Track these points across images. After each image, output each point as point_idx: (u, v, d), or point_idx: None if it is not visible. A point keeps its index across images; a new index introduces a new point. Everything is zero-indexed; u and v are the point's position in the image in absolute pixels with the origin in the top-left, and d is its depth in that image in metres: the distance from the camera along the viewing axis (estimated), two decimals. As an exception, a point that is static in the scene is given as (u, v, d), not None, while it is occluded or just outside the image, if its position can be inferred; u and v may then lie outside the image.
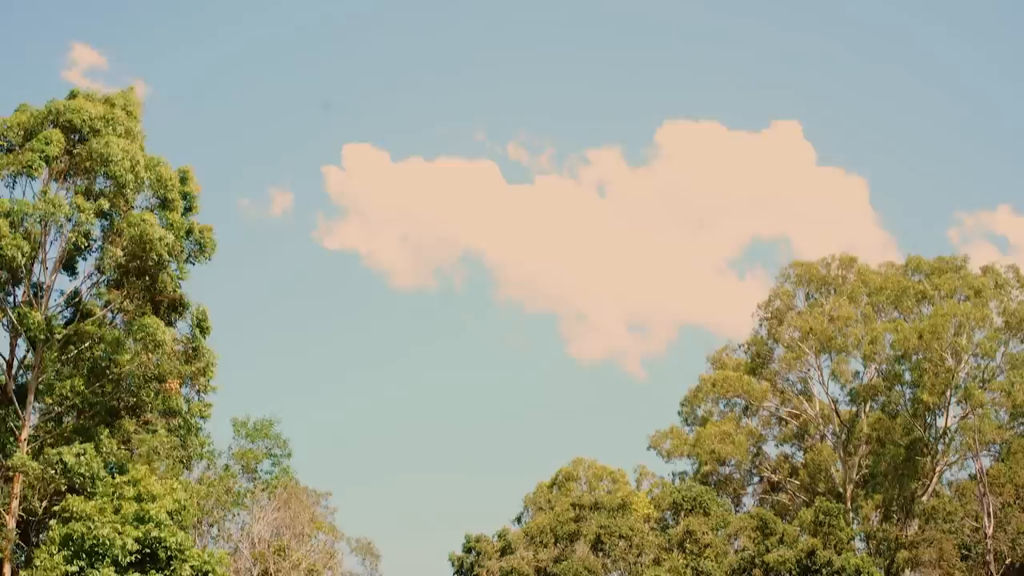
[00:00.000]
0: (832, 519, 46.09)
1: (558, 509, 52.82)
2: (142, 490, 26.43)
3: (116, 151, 35.97)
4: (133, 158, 36.70)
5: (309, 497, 48.42)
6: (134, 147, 37.14)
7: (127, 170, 36.37)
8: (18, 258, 34.64)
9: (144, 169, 37.26)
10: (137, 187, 37.35)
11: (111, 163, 35.95)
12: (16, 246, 34.22)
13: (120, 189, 36.77)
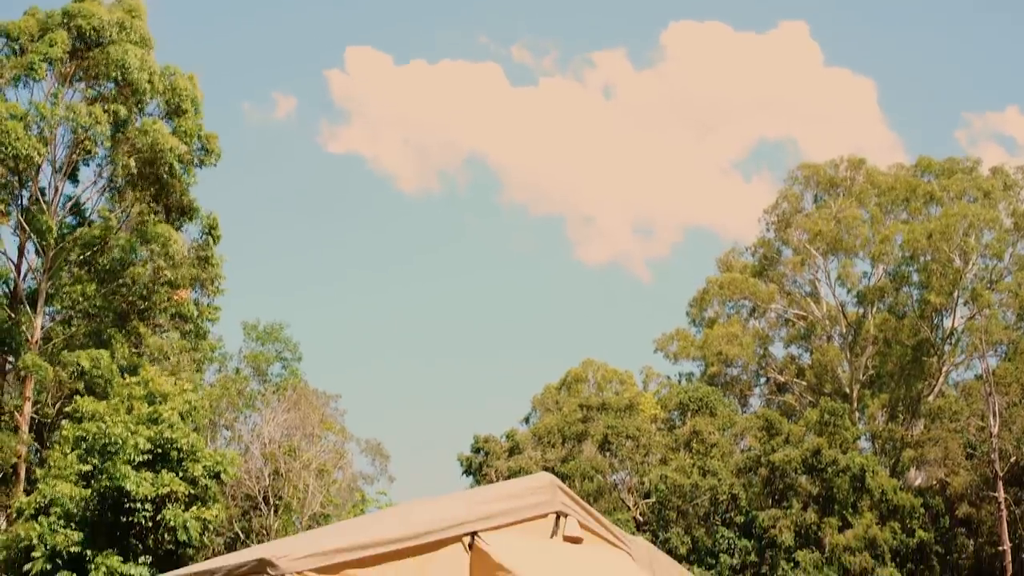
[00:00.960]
0: (838, 419, 46.42)
1: (566, 410, 53.23)
2: (153, 390, 26.66)
3: (134, 59, 35.88)
4: (150, 67, 36.67)
5: (319, 399, 48.84)
6: (150, 56, 37.10)
7: (144, 80, 36.36)
8: (35, 158, 34.68)
9: (159, 78, 37.22)
10: (152, 95, 37.33)
11: (128, 70, 35.86)
12: (33, 147, 34.22)
13: (134, 96, 36.71)
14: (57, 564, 23.70)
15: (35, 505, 25.04)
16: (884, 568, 41.45)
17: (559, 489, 11.23)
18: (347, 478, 48.91)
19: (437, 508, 11.22)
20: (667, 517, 45.46)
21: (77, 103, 35.65)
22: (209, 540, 25.92)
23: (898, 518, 43.78)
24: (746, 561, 43.19)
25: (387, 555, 9.95)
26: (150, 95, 37.00)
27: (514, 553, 10.25)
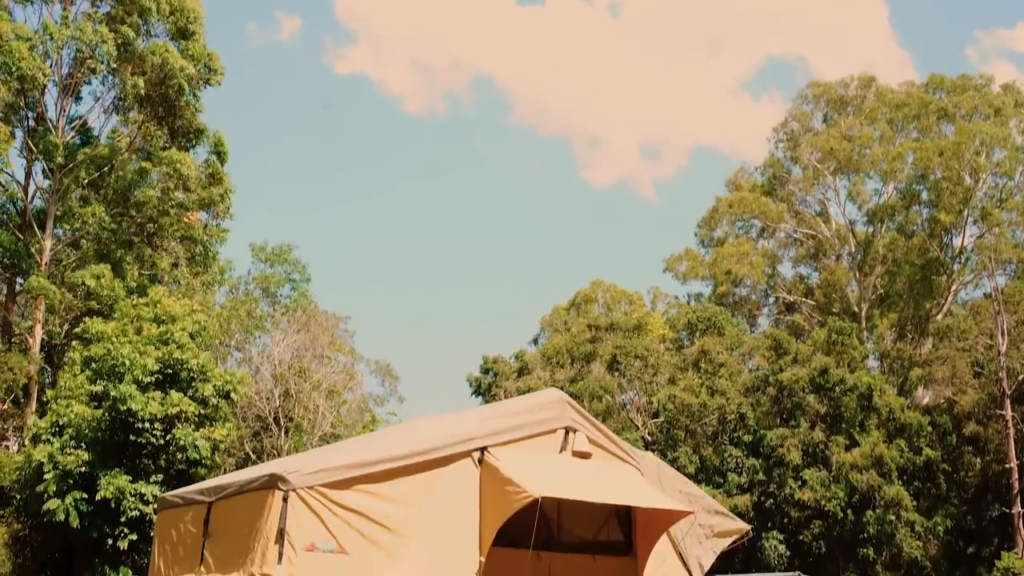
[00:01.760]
0: (845, 338, 46.42)
1: (574, 330, 53.29)
2: (162, 311, 26.68)
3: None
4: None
5: (328, 320, 48.94)
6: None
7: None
8: (40, 79, 34.49)
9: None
10: (160, 17, 37.02)
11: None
12: (38, 67, 34.01)
13: (142, 17, 36.45)
14: (68, 484, 23.86)
15: (49, 429, 25.18)
16: (891, 486, 41.63)
17: (568, 405, 11.28)
18: (357, 399, 49.16)
19: (446, 424, 11.29)
20: (675, 436, 45.64)
21: (83, 22, 35.37)
22: (221, 460, 26.09)
23: (905, 436, 43.91)
24: (754, 479, 43.40)
25: (397, 471, 10.03)
26: (156, 16, 36.70)
27: (523, 468, 10.31)
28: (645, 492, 11.04)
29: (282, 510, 9.40)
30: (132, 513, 23.78)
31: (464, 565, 10.04)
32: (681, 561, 11.65)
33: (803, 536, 41.57)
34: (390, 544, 9.76)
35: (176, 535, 10.79)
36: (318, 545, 9.45)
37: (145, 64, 35.91)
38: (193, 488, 11.47)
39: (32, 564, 26.55)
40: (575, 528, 11.03)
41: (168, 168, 36.19)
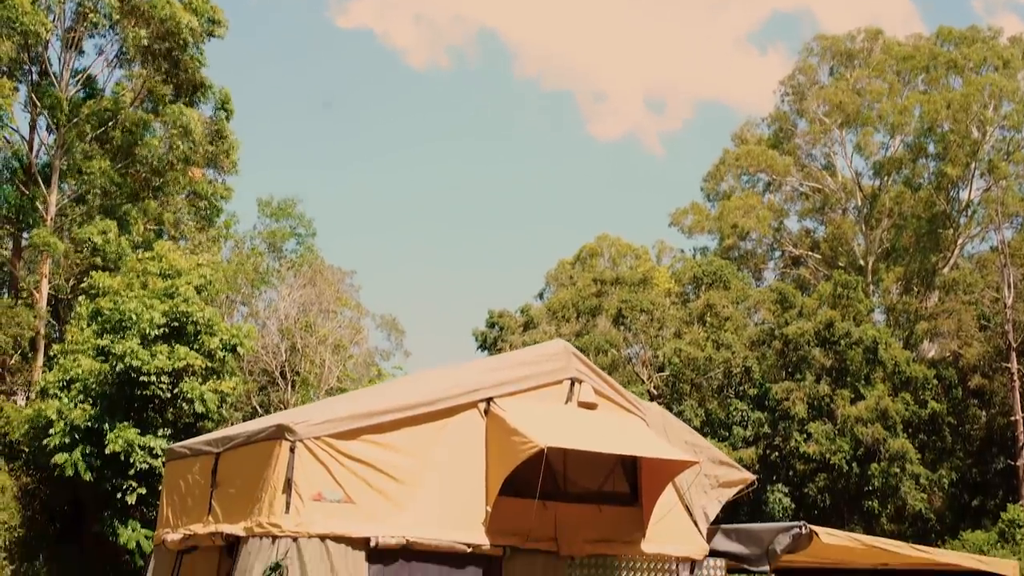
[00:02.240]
0: (851, 292, 46.40)
1: (580, 285, 53.28)
2: (168, 266, 26.70)
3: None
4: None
5: (334, 275, 48.99)
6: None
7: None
8: (43, 34, 34.39)
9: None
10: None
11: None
12: (40, 22, 33.90)
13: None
14: (76, 438, 23.98)
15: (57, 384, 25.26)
16: (896, 439, 41.73)
17: (573, 356, 11.31)
18: (363, 353, 49.26)
19: (452, 376, 11.33)
20: (681, 390, 45.73)
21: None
22: (228, 413, 26.18)
23: (911, 390, 43.99)
24: (759, 433, 43.52)
25: (403, 421, 10.08)
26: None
27: (529, 418, 10.35)
28: (650, 442, 11.09)
29: (289, 460, 9.46)
30: (141, 466, 23.91)
31: (470, 514, 10.10)
32: (687, 511, 11.70)
33: (808, 489, 41.72)
34: (396, 494, 9.82)
35: (184, 485, 10.86)
36: (325, 495, 9.51)
37: (148, 17, 35.77)
38: (201, 439, 11.53)
39: (41, 516, 26.72)
40: (581, 478, 11.07)
41: (173, 120, 36.13)
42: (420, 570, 9.88)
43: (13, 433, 26.11)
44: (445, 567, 9.97)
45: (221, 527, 9.85)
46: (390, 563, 9.67)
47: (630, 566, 11.29)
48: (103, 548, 25.03)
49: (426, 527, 9.84)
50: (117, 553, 25.15)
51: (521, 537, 10.30)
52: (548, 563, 10.47)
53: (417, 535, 9.75)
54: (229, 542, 9.73)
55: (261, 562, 9.22)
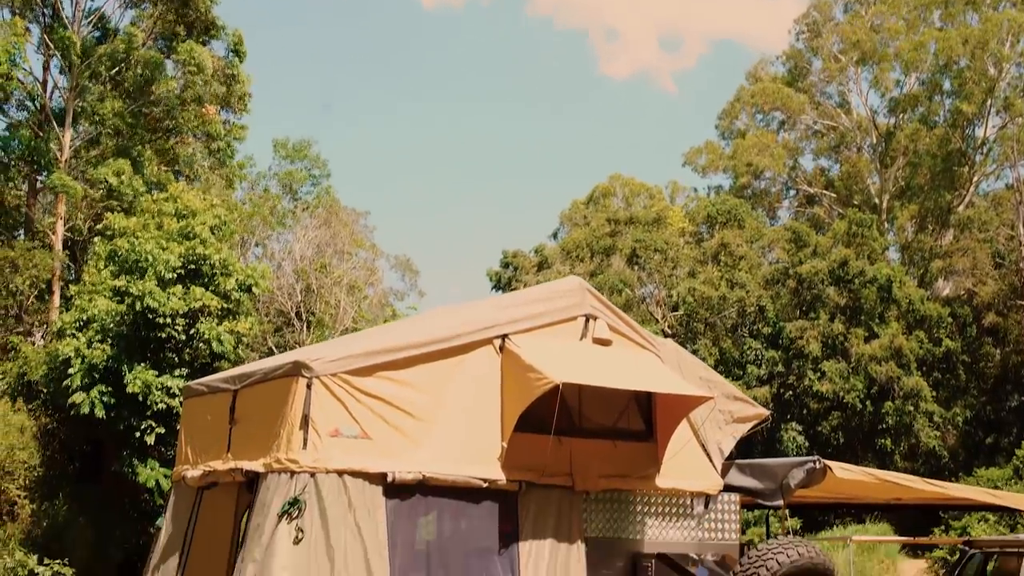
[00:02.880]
0: (866, 230, 46.34)
1: (594, 224, 53.27)
2: (182, 206, 26.74)
3: None
4: None
5: (348, 216, 49.02)
6: None
7: None
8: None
9: None
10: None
11: None
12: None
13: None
14: (94, 378, 24.13)
15: (74, 324, 25.39)
16: (910, 377, 41.82)
17: (588, 292, 11.34)
18: (378, 294, 49.39)
19: (467, 312, 11.37)
20: (695, 329, 45.83)
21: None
22: (244, 354, 26.30)
23: (925, 328, 44.01)
24: (773, 371, 43.64)
25: (419, 357, 10.13)
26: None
27: (544, 354, 10.41)
28: (665, 378, 11.13)
29: (306, 397, 9.52)
30: (159, 406, 24.08)
31: (486, 450, 10.18)
32: (701, 446, 11.77)
33: (821, 427, 41.90)
34: (413, 430, 9.90)
35: (202, 422, 10.96)
36: (342, 431, 9.59)
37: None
38: (218, 376, 11.61)
39: (61, 456, 26.97)
40: (595, 414, 11.14)
41: (186, 58, 36.02)
42: (436, 505, 9.99)
43: (32, 373, 26.29)
44: (461, 502, 10.07)
45: (240, 463, 9.94)
46: (407, 498, 9.77)
47: (645, 501, 11.38)
48: (122, 487, 25.28)
49: (442, 463, 9.92)
50: (136, 492, 25.39)
51: (536, 472, 10.38)
52: (563, 498, 10.56)
53: (433, 470, 9.83)
54: (248, 478, 9.82)
55: (280, 497, 9.32)
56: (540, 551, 10.27)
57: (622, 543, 11.23)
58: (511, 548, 10.19)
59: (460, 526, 10.19)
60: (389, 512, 9.61)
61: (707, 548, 11.67)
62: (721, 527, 11.80)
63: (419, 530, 9.99)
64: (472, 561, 10.04)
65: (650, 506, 11.40)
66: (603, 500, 11.14)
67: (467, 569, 9.99)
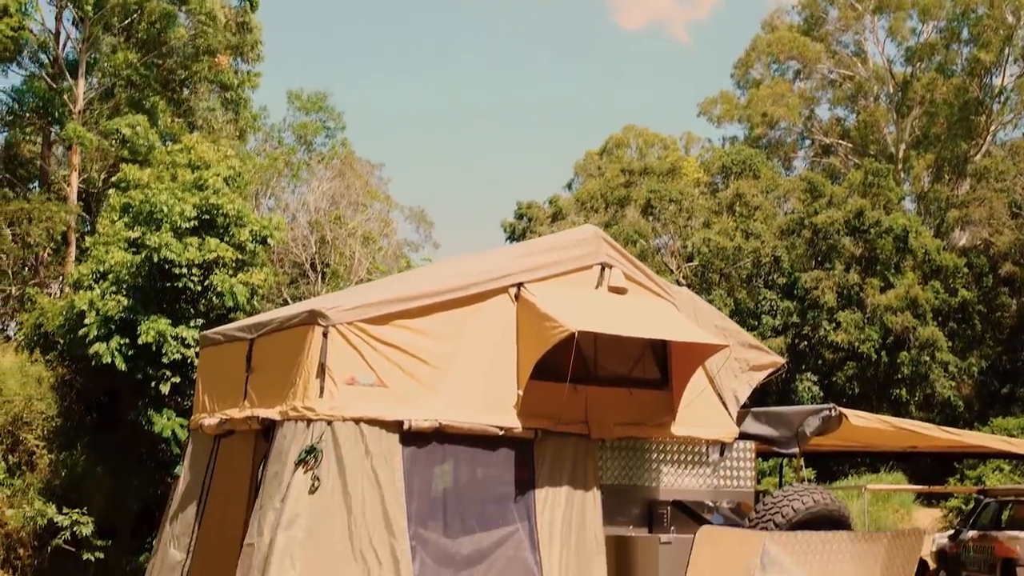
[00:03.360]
0: (882, 180, 46.13)
1: (608, 175, 53.13)
2: (196, 157, 26.67)
3: None
4: None
5: (363, 168, 48.97)
6: None
7: None
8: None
9: None
10: None
11: None
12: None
13: None
14: (110, 329, 24.19)
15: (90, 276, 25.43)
16: (926, 327, 41.75)
17: (603, 241, 11.31)
18: (392, 245, 49.41)
19: (482, 261, 11.35)
20: (710, 280, 45.78)
21: None
22: (259, 305, 26.28)
23: (941, 278, 43.89)
24: (788, 322, 43.60)
25: (434, 306, 10.13)
26: None
27: (559, 302, 10.39)
28: (681, 326, 11.11)
29: (322, 345, 9.53)
30: (174, 356, 24.12)
31: (502, 398, 10.19)
32: (716, 394, 11.78)
33: (836, 378, 41.90)
34: (429, 378, 9.91)
35: (219, 371, 10.98)
36: (358, 379, 9.60)
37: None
38: (234, 325, 11.63)
39: (78, 407, 27.07)
40: (611, 363, 11.13)
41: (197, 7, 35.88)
42: (453, 452, 10.01)
43: (48, 325, 26.33)
44: (478, 449, 10.09)
45: (257, 411, 9.98)
46: (423, 445, 9.80)
47: (660, 448, 11.41)
48: (139, 437, 25.38)
49: (458, 410, 9.94)
50: (154, 442, 25.50)
51: (552, 420, 10.39)
52: (579, 445, 10.58)
53: (449, 418, 9.85)
54: (265, 426, 9.85)
55: (297, 445, 9.36)
56: (556, 498, 10.30)
57: (638, 490, 11.27)
58: (527, 495, 10.22)
59: (476, 473, 10.21)
60: (406, 459, 9.65)
61: (722, 495, 11.70)
62: (736, 474, 11.83)
63: (436, 478, 10.02)
64: (488, 508, 10.07)
65: (666, 454, 11.44)
66: (619, 448, 11.17)
67: (483, 516, 10.02)
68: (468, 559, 9.85)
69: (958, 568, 22.28)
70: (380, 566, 9.25)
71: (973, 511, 23.31)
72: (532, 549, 10.08)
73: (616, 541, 10.70)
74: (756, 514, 10.84)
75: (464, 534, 9.91)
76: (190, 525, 10.72)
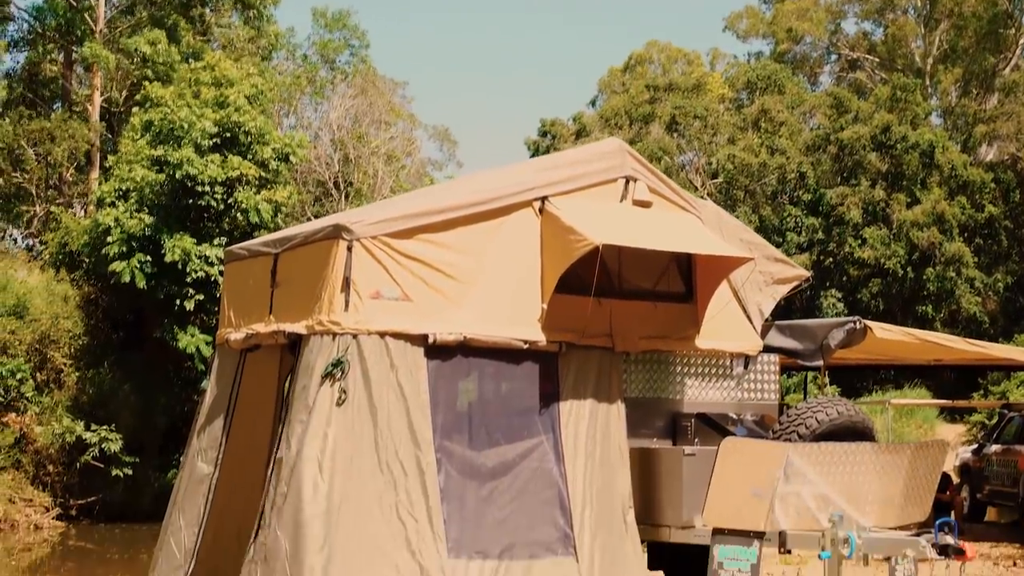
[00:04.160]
0: (909, 95, 45.71)
1: (632, 92, 52.75)
2: (219, 75, 26.62)
3: None
4: None
5: (386, 86, 48.75)
6: None
7: None
8: None
9: None
10: None
11: None
12: None
13: None
14: (132, 247, 24.31)
15: (114, 193, 25.51)
16: (952, 243, 41.58)
17: (628, 154, 11.23)
18: (416, 164, 49.33)
19: (506, 175, 11.30)
20: (734, 196, 45.60)
21: None
22: (283, 222, 26.37)
23: (967, 193, 43.62)
24: (813, 239, 43.47)
25: (458, 220, 10.10)
26: None
27: (583, 216, 10.35)
28: (705, 239, 11.06)
29: (347, 259, 9.52)
30: (198, 274, 24.27)
31: (526, 311, 10.18)
32: (741, 307, 11.74)
33: (861, 295, 41.83)
34: (452, 291, 9.90)
35: (244, 286, 10.99)
36: (383, 293, 9.60)
37: None
38: (259, 240, 11.64)
39: (104, 325, 27.31)
40: (635, 276, 11.10)
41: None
42: (477, 366, 10.01)
43: (73, 243, 26.51)
44: (502, 362, 10.09)
45: (283, 326, 9.99)
46: (448, 359, 9.82)
47: (685, 361, 11.40)
48: (165, 354, 25.63)
49: (483, 324, 9.93)
50: (179, 360, 25.75)
51: (577, 333, 10.38)
52: (604, 358, 10.57)
53: (474, 331, 9.85)
54: (291, 340, 9.88)
55: (323, 358, 9.38)
56: (580, 411, 10.32)
57: (662, 403, 11.28)
58: (551, 408, 10.24)
59: (501, 387, 10.23)
60: (431, 373, 9.66)
61: (746, 408, 11.70)
62: (760, 387, 11.82)
63: (460, 391, 10.05)
64: (513, 421, 10.10)
65: (690, 367, 11.43)
66: (643, 361, 11.17)
67: (508, 429, 10.05)
68: (493, 471, 9.90)
69: (981, 482, 22.36)
70: (406, 477, 9.33)
71: (997, 425, 23.33)
72: (557, 461, 10.12)
73: (640, 453, 10.73)
74: (780, 426, 10.84)
75: (489, 446, 9.95)
76: (217, 439, 10.80)
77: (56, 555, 22.38)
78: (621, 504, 10.34)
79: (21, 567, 20.45)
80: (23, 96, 37.81)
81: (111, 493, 25.18)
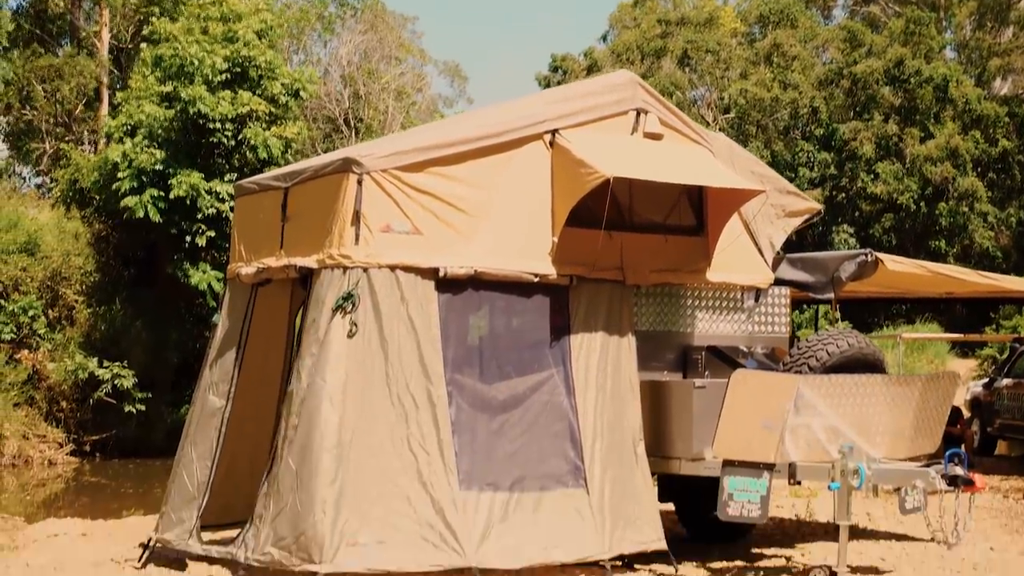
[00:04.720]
0: (923, 28, 45.36)
1: (644, 26, 52.40)
2: (227, 10, 26.43)
3: None
4: None
5: (396, 21, 48.51)
6: None
7: None
8: None
9: None
10: None
11: None
12: None
13: None
14: (143, 182, 24.26)
15: (122, 129, 25.44)
16: (965, 177, 41.40)
17: (639, 86, 11.16)
18: (426, 100, 49.20)
19: (516, 108, 11.25)
20: (747, 131, 45.39)
21: None
22: (293, 158, 26.29)
23: (981, 128, 43.37)
24: (825, 174, 43.32)
25: (469, 153, 10.07)
26: None
27: (594, 149, 10.31)
28: (716, 172, 11.01)
29: (357, 193, 9.50)
30: (209, 211, 24.23)
31: (537, 245, 10.17)
32: (752, 240, 11.71)
33: (873, 230, 41.75)
34: (463, 225, 9.88)
35: (255, 220, 10.97)
36: (393, 226, 9.58)
37: None
38: (269, 175, 11.61)
39: (115, 261, 27.32)
40: (646, 209, 11.07)
41: None
42: (488, 299, 10.01)
43: (83, 180, 26.44)
44: (513, 296, 10.09)
45: (293, 260, 9.99)
46: (459, 292, 9.82)
47: (695, 294, 11.40)
48: (177, 290, 25.63)
49: (494, 257, 9.92)
50: (191, 296, 25.76)
51: (587, 267, 10.37)
52: (614, 292, 10.56)
53: (485, 265, 9.84)
54: (302, 274, 9.89)
55: (334, 292, 9.40)
56: (591, 344, 10.33)
57: (673, 336, 11.29)
58: (562, 341, 10.25)
59: (511, 320, 10.23)
60: (441, 306, 9.67)
61: (757, 341, 11.71)
62: (771, 320, 11.82)
63: (471, 324, 10.05)
64: (524, 354, 10.11)
65: (701, 300, 11.43)
66: (654, 294, 11.17)
67: (519, 362, 10.07)
68: (504, 404, 9.94)
69: (992, 416, 22.37)
70: (417, 410, 9.36)
71: (1008, 359, 23.30)
72: (567, 394, 10.15)
73: (650, 386, 10.75)
74: (791, 358, 10.85)
75: (500, 379, 9.97)
76: (229, 372, 10.82)
77: (70, 490, 22.53)
78: (631, 437, 10.38)
79: (36, 502, 20.61)
80: (31, 33, 37.68)
81: (124, 429, 25.29)
